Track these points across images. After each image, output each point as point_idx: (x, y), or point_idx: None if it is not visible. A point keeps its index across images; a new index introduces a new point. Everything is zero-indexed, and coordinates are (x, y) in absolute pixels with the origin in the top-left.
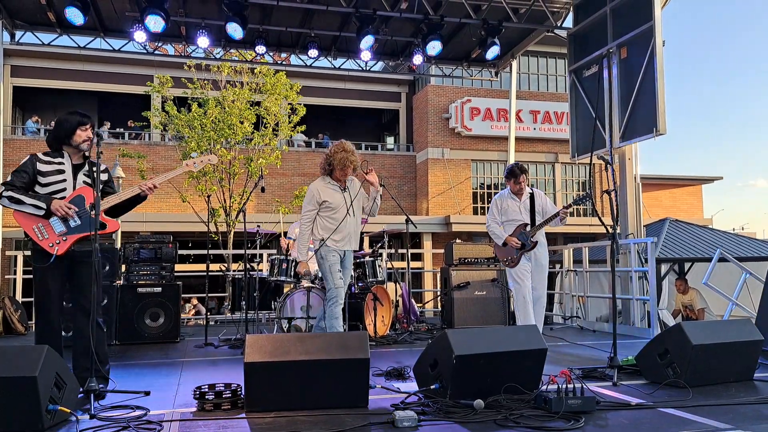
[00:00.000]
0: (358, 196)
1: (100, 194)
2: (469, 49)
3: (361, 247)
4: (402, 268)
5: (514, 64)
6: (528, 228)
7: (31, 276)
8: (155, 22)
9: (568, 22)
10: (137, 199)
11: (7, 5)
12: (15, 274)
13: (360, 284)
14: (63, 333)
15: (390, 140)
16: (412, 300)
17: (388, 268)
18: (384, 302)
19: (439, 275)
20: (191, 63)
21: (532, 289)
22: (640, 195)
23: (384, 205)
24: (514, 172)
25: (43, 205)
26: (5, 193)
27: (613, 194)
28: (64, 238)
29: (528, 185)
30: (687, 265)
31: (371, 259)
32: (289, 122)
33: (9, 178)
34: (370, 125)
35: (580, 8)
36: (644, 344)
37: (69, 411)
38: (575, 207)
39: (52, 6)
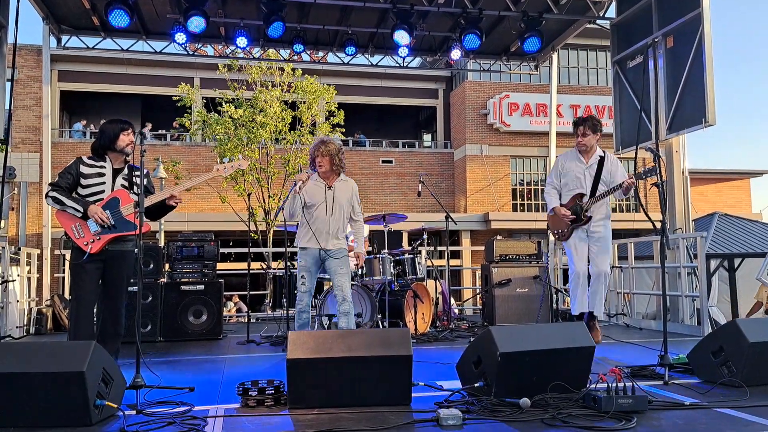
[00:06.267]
0: None
1: (142, 195)
2: (508, 42)
3: (400, 244)
4: (441, 266)
5: (555, 57)
6: (585, 199)
7: None
8: (196, 23)
9: (611, 12)
10: (168, 205)
11: (54, 12)
12: (63, 272)
13: (400, 281)
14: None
15: (427, 137)
16: (451, 297)
17: (428, 266)
18: (424, 300)
19: (479, 273)
20: (222, 69)
21: (590, 264)
22: (689, 189)
23: (422, 202)
24: (575, 122)
25: (81, 209)
26: (51, 193)
27: (660, 187)
28: (98, 237)
29: (592, 143)
30: (737, 261)
31: (410, 256)
32: (327, 121)
33: (55, 179)
34: (407, 123)
35: None
36: (694, 342)
37: (116, 406)
38: (621, 201)
39: (96, 10)
